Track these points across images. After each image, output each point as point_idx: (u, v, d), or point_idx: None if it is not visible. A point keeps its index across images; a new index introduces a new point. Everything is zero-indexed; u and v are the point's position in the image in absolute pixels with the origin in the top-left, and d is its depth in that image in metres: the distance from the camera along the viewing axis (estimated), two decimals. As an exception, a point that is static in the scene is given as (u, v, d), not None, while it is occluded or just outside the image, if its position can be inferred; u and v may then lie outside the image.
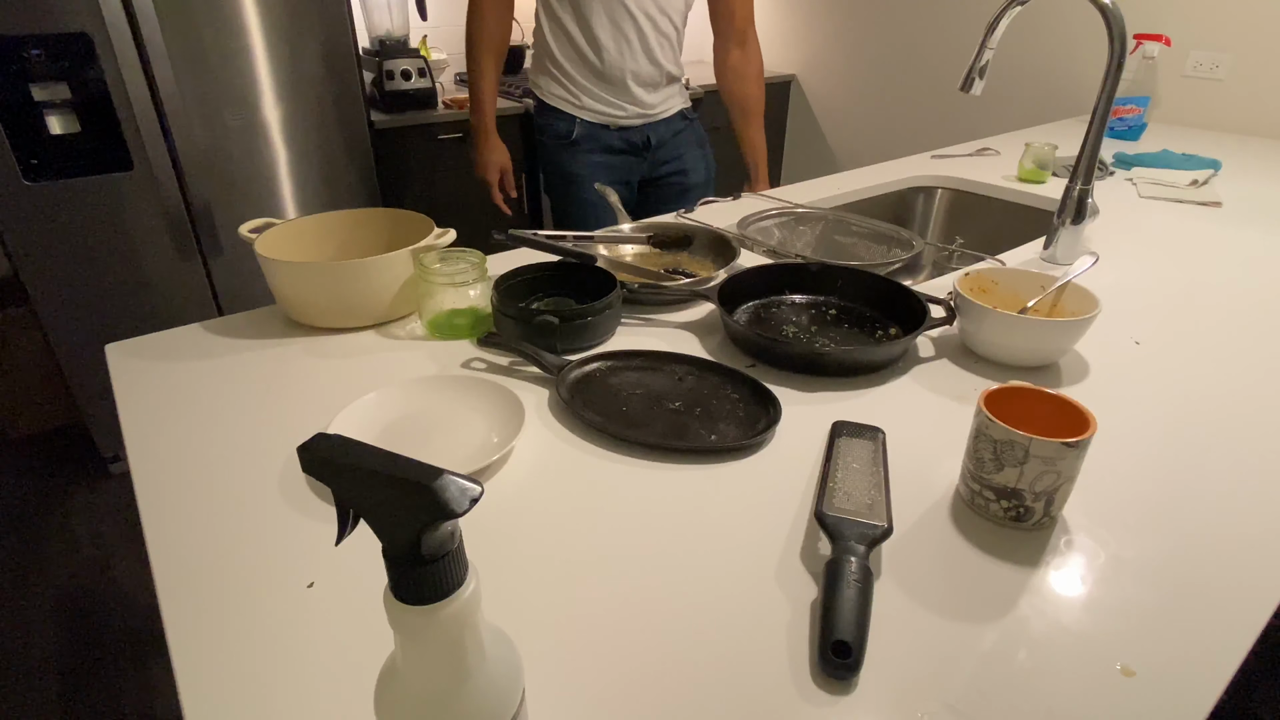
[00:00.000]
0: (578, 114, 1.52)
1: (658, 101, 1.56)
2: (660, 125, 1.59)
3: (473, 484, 0.27)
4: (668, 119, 1.59)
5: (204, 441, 0.67)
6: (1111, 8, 0.95)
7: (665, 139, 1.61)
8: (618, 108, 1.52)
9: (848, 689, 0.45)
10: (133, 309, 1.87)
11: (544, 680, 0.45)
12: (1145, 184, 1.45)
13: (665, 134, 1.60)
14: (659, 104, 1.56)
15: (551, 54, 1.50)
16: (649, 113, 1.55)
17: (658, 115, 1.57)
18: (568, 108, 1.53)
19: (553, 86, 1.53)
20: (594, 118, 1.53)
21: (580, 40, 1.45)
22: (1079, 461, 0.54)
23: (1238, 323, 0.91)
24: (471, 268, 0.83)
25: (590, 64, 1.47)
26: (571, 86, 1.51)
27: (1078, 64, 2.25)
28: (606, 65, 1.46)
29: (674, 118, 1.61)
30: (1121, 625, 0.49)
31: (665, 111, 1.58)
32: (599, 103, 1.51)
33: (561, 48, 1.48)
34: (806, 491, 0.62)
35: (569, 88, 1.51)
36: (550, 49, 1.49)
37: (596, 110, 1.52)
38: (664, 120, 1.59)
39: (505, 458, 0.65)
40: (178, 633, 0.48)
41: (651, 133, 1.58)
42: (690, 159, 1.64)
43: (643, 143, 1.58)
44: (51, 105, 1.63)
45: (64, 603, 1.62)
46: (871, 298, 0.92)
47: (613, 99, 1.51)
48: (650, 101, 1.54)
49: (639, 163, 1.61)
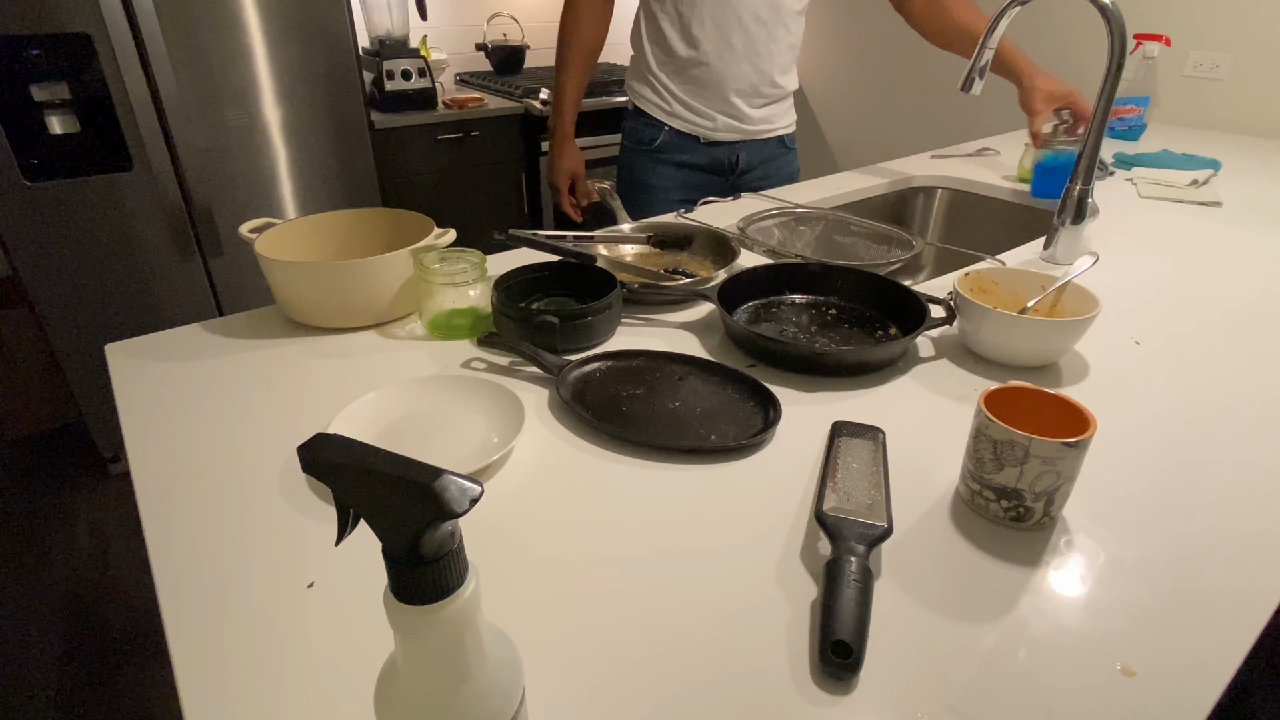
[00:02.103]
0: (667, 121, 1.44)
1: (758, 118, 1.44)
2: (755, 146, 1.48)
3: (473, 484, 0.27)
4: (765, 140, 1.48)
5: (204, 441, 0.67)
6: (1111, 8, 0.95)
7: (754, 164, 1.50)
8: (709, 118, 1.42)
9: (848, 689, 0.45)
10: (133, 309, 1.87)
11: (544, 680, 0.45)
12: (1145, 184, 1.45)
13: (756, 158, 1.49)
14: (758, 121, 1.45)
15: (646, 58, 1.42)
16: (746, 128, 1.44)
17: (755, 134, 1.46)
18: (658, 114, 1.44)
19: (645, 91, 1.45)
20: (683, 126, 1.43)
21: (677, 43, 1.36)
22: (1079, 461, 0.54)
23: (1238, 322, 0.91)
24: (471, 268, 0.83)
25: (686, 68, 1.38)
26: (664, 92, 1.42)
27: (1078, 64, 2.25)
28: (704, 70, 1.37)
29: (772, 141, 1.50)
30: (1121, 625, 0.49)
31: (764, 132, 1.47)
32: (690, 111, 1.42)
33: (657, 51, 1.40)
34: (806, 491, 0.62)
35: (661, 93, 1.42)
36: (645, 53, 1.42)
37: (686, 119, 1.43)
38: (760, 141, 1.48)
39: (505, 458, 0.65)
40: (178, 633, 0.48)
41: (743, 152, 1.47)
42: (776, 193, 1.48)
43: (730, 163, 1.48)
44: (51, 105, 1.63)
45: (64, 603, 1.62)
46: (871, 298, 0.92)
47: (706, 108, 1.41)
48: (749, 115, 1.43)
49: (721, 184, 1.49)
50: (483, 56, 2.80)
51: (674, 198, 1.49)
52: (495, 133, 2.45)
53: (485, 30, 2.81)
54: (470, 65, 2.85)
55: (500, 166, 2.52)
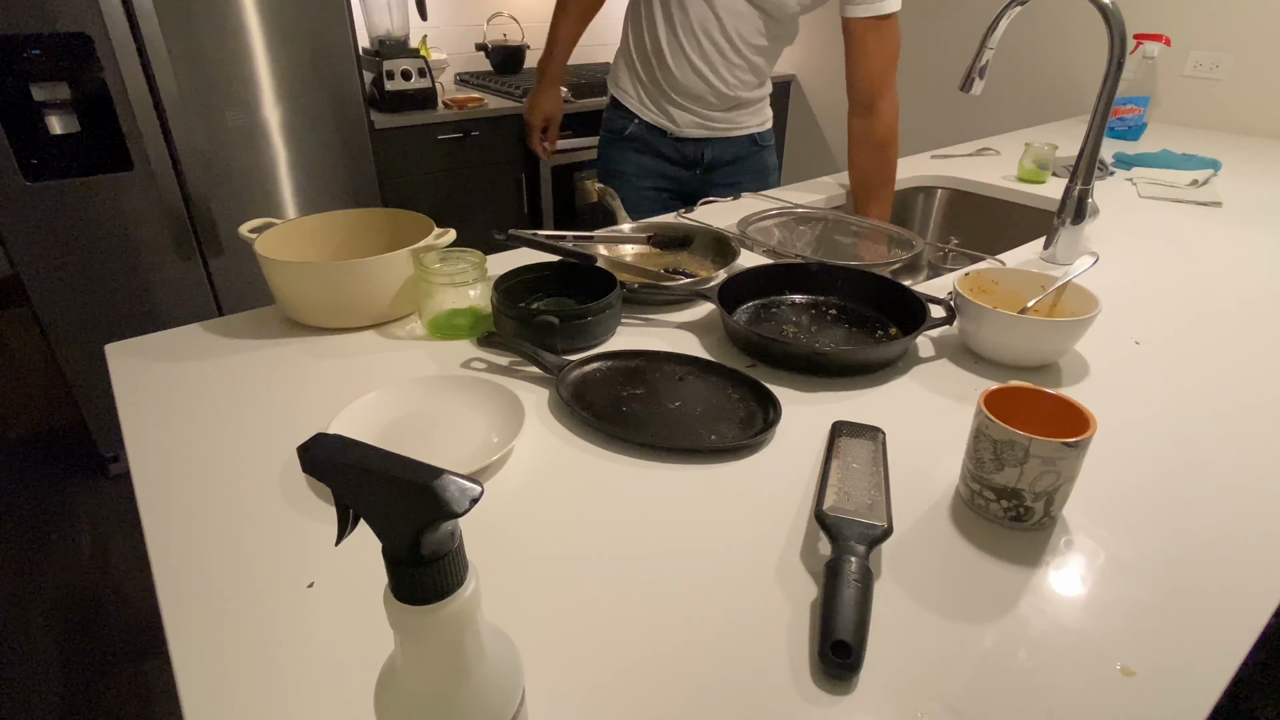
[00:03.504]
0: (638, 113, 1.48)
1: (721, 119, 1.47)
2: (720, 143, 1.50)
3: (473, 484, 0.27)
4: (732, 139, 1.51)
5: (204, 441, 0.67)
6: (1111, 8, 0.95)
7: (723, 160, 1.52)
8: (672, 118, 1.46)
9: (848, 689, 0.45)
10: (133, 309, 1.87)
11: (544, 680, 0.45)
12: (1145, 184, 1.45)
13: (724, 154, 1.52)
14: (722, 121, 1.47)
15: (628, 47, 1.47)
16: (712, 125, 1.47)
17: (720, 132, 1.49)
18: (629, 104, 1.49)
19: (622, 80, 1.50)
20: (651, 119, 1.48)
21: (647, 40, 1.41)
22: (1079, 461, 0.54)
23: (1238, 322, 0.91)
24: (471, 268, 0.83)
25: (656, 71, 1.43)
26: (637, 85, 1.47)
27: (1078, 64, 2.25)
28: (671, 78, 1.41)
29: (743, 139, 1.52)
30: (1121, 625, 0.49)
31: (730, 130, 1.50)
32: (655, 106, 1.46)
33: (637, 47, 1.44)
34: (806, 491, 0.62)
35: (635, 85, 1.48)
36: (628, 41, 1.46)
37: (653, 112, 1.47)
38: (727, 139, 1.50)
39: (505, 458, 0.65)
40: (178, 633, 0.48)
41: (709, 149, 1.50)
42: (747, 188, 1.49)
43: (696, 157, 1.51)
44: (51, 105, 1.63)
45: (64, 603, 1.62)
46: (871, 298, 0.92)
47: (670, 108, 1.45)
48: (713, 116, 1.46)
49: (690, 177, 1.54)
50: (483, 56, 2.79)
51: (645, 184, 1.52)
52: (495, 133, 2.45)
53: (485, 30, 2.81)
54: (470, 65, 2.85)
55: (500, 166, 2.52)
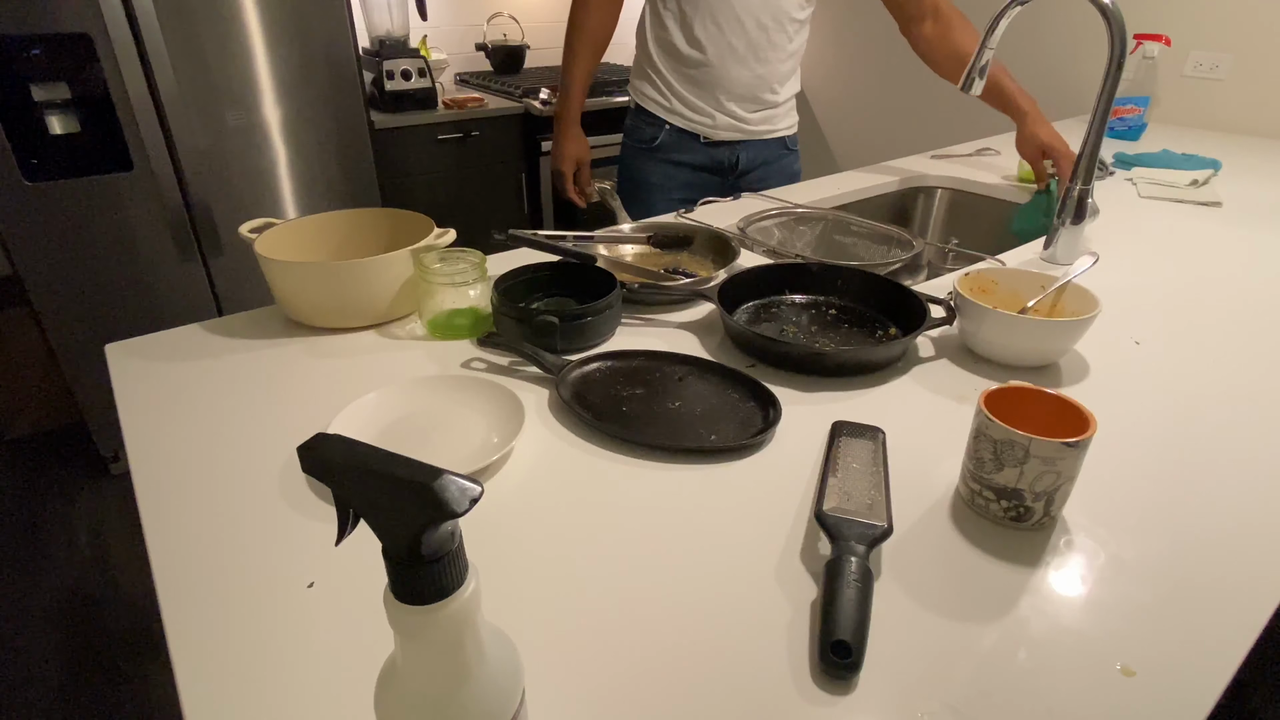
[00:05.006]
0: (668, 119, 1.44)
1: (757, 120, 1.45)
2: (755, 146, 1.48)
3: (473, 484, 0.27)
4: (765, 142, 1.48)
5: (204, 441, 0.67)
6: (1111, 8, 0.95)
7: (755, 164, 1.50)
8: (709, 116, 1.42)
9: (848, 689, 0.45)
10: (133, 309, 1.87)
11: (544, 680, 0.45)
12: (1145, 184, 1.45)
13: (757, 158, 1.50)
14: (758, 122, 1.45)
15: (650, 56, 1.43)
16: (746, 127, 1.44)
17: (755, 134, 1.46)
18: (659, 111, 1.45)
19: (646, 88, 1.46)
20: (684, 124, 1.44)
21: (680, 41, 1.37)
22: (1079, 461, 0.54)
23: (1238, 322, 0.91)
24: (471, 268, 0.83)
25: (688, 67, 1.39)
26: (665, 90, 1.43)
27: (1078, 64, 2.25)
28: (705, 71, 1.37)
29: (773, 142, 1.50)
30: (1121, 625, 0.49)
31: (765, 133, 1.47)
32: (691, 109, 1.42)
33: (660, 49, 1.41)
34: (806, 491, 0.62)
35: (663, 90, 1.43)
36: (649, 50, 1.43)
37: (687, 117, 1.43)
38: (760, 142, 1.48)
39: (505, 458, 0.65)
40: (178, 633, 0.48)
41: (743, 152, 1.48)
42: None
43: (730, 163, 1.48)
44: (51, 105, 1.63)
45: (64, 603, 1.62)
46: (871, 298, 0.92)
47: (705, 106, 1.41)
48: (747, 116, 1.44)
49: (720, 184, 1.50)
50: (483, 56, 2.80)
51: (674, 197, 1.49)
52: (495, 133, 2.45)
53: (485, 30, 2.81)
54: (470, 65, 2.85)
55: (500, 166, 2.52)
